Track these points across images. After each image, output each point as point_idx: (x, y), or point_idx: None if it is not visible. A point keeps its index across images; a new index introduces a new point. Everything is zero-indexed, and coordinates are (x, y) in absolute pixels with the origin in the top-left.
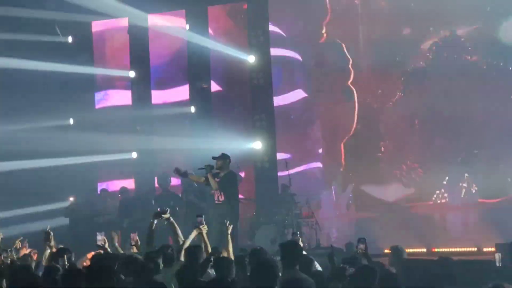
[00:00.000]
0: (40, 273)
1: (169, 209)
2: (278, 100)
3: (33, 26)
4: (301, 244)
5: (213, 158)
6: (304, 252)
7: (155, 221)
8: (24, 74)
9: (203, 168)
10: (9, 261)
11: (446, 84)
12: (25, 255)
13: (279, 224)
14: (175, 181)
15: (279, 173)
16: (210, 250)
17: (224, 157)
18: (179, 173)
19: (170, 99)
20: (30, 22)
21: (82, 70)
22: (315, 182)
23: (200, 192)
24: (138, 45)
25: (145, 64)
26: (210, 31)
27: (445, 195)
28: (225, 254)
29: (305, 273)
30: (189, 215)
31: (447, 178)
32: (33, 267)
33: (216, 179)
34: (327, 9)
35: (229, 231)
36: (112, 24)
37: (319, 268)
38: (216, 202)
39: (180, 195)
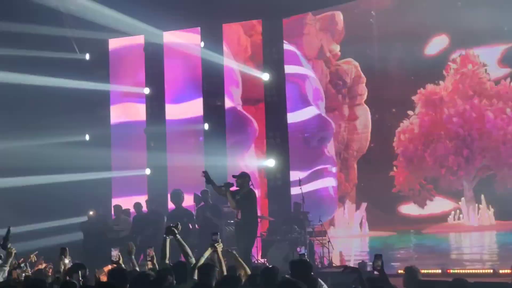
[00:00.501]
0: None
1: (180, 225)
2: (292, 118)
3: (52, 43)
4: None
5: (234, 176)
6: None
7: (169, 237)
8: (41, 90)
9: (222, 186)
10: (23, 276)
11: (462, 103)
12: (39, 269)
13: (291, 242)
14: (188, 199)
15: (292, 191)
16: (224, 268)
17: (244, 176)
18: (206, 177)
19: (184, 115)
20: (48, 39)
21: (98, 87)
22: (328, 200)
23: (215, 209)
24: (154, 62)
25: (160, 80)
26: (226, 48)
27: (461, 215)
28: (242, 273)
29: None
30: (205, 232)
31: (462, 198)
32: (48, 281)
33: (237, 196)
34: (342, 27)
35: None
36: (128, 42)
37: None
38: (235, 220)
39: (193, 212)
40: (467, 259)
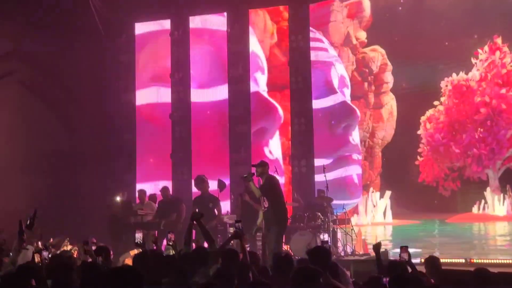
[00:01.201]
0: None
1: (202, 213)
2: (317, 105)
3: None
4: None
5: (253, 165)
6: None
7: (194, 222)
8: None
9: (245, 177)
10: (49, 257)
11: (490, 92)
12: (65, 251)
13: (314, 230)
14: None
15: (316, 178)
16: (247, 255)
17: (262, 164)
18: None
19: (209, 101)
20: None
21: (125, 70)
22: (353, 188)
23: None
24: (179, 47)
25: (186, 65)
26: (251, 34)
27: (486, 205)
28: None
29: (332, 276)
30: (245, 216)
31: (488, 188)
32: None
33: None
34: (369, 14)
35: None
36: (154, 26)
37: (347, 273)
38: (263, 209)
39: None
40: (491, 249)
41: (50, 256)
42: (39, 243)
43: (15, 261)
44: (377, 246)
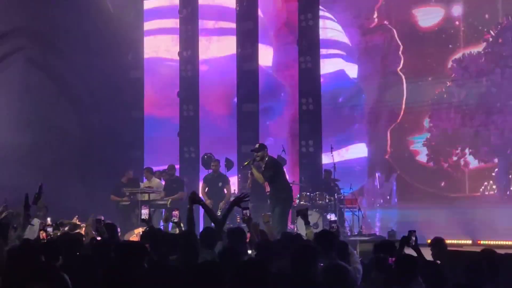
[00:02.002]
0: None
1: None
2: (325, 84)
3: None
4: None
5: (252, 150)
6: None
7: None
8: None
9: (246, 164)
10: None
11: (500, 72)
12: (75, 224)
13: (321, 210)
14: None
15: (323, 159)
16: (257, 238)
17: (262, 147)
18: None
19: (217, 79)
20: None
21: (133, 49)
22: (360, 169)
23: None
24: (188, 24)
25: (194, 43)
26: (261, 12)
27: (494, 187)
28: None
29: (341, 256)
30: (256, 194)
31: (496, 170)
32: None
33: (261, 169)
34: None
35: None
36: (163, 2)
37: (355, 253)
38: (267, 192)
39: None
40: (498, 231)
41: (55, 232)
42: (48, 219)
43: (21, 236)
44: (408, 238)
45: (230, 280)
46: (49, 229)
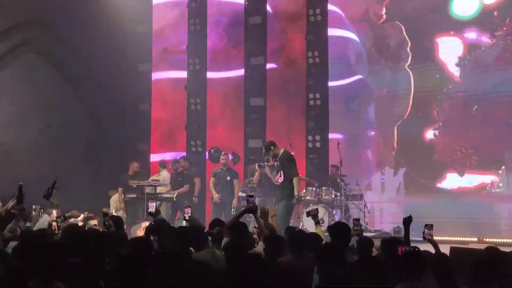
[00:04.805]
0: None
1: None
2: (333, 80)
3: None
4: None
5: (264, 152)
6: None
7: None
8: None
9: (256, 169)
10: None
11: (510, 69)
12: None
13: (327, 205)
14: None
15: (330, 154)
16: (264, 229)
17: (271, 145)
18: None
19: (225, 74)
20: None
21: (141, 42)
22: (366, 165)
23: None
24: (196, 18)
25: (202, 38)
26: (269, 7)
27: (500, 184)
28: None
29: (364, 254)
30: (266, 189)
31: (503, 167)
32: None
33: (276, 168)
34: None
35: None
36: None
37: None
38: (276, 183)
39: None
40: (504, 229)
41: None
42: (54, 212)
43: (15, 229)
44: (408, 219)
45: (231, 274)
46: (59, 221)
